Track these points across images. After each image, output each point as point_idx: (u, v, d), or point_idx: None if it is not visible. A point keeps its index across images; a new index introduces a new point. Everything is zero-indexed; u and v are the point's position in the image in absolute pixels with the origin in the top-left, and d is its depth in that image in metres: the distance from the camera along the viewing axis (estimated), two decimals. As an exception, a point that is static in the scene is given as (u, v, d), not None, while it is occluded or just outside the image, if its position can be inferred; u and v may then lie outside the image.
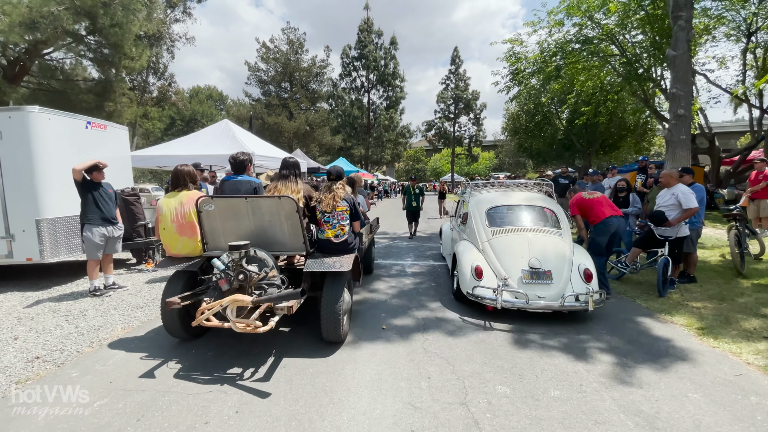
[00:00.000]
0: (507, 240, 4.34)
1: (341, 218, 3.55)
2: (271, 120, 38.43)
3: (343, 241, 3.55)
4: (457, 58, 47.13)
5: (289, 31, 41.52)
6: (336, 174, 3.77)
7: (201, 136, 9.05)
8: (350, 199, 3.64)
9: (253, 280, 2.97)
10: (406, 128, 37.60)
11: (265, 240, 3.34)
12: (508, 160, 60.88)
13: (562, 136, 23.47)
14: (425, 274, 6.01)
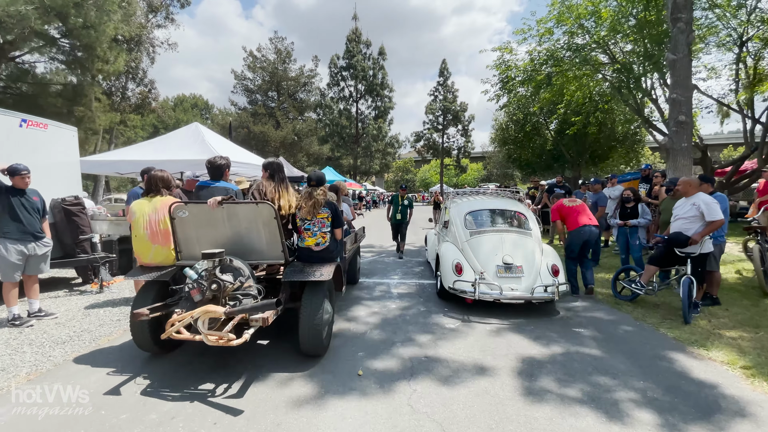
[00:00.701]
0: (483, 240, 4.83)
1: (322, 225, 3.44)
2: (257, 129, 37.64)
3: (324, 249, 3.44)
4: (445, 70, 47.30)
5: (277, 40, 41.11)
6: (317, 180, 3.57)
7: (168, 139, 8.23)
8: (332, 206, 3.53)
9: (227, 290, 2.85)
10: (394, 138, 37.18)
11: (241, 248, 3.22)
12: (496, 172, 61.01)
13: (551, 147, 23.25)
14: (413, 296, 5.30)
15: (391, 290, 5.60)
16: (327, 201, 3.53)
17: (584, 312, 4.54)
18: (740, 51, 13.46)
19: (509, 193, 6.46)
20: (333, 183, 5.88)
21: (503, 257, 4.52)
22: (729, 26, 13.23)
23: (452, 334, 3.81)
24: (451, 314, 4.42)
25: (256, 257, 3.27)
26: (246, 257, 3.19)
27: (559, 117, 18.51)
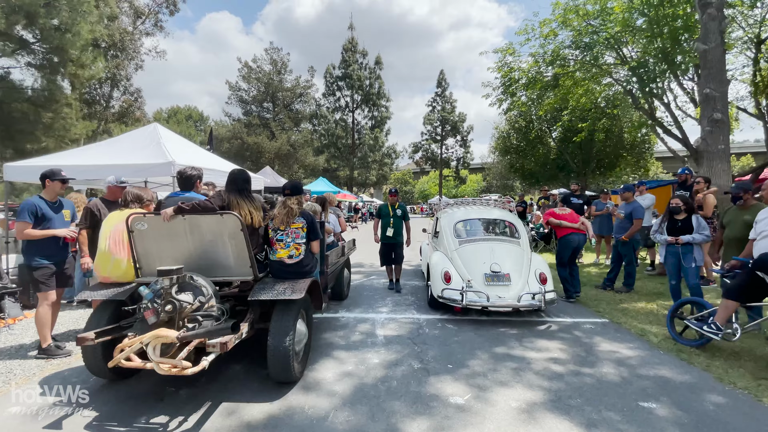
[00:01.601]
0: (472, 248, 4.88)
1: (296, 236, 3.24)
2: (251, 140, 36.72)
3: (298, 263, 3.22)
4: (443, 81, 46.82)
5: (272, 51, 40.54)
6: (291, 188, 3.35)
7: (119, 142, 7.06)
8: (307, 216, 3.33)
9: (184, 311, 2.60)
10: (392, 149, 36.21)
11: (206, 264, 3.00)
12: (496, 183, 60.09)
13: (556, 156, 22.18)
14: (405, 342, 3.95)
15: (376, 331, 4.27)
16: (303, 211, 3.33)
17: (643, 367, 3.27)
18: (757, 52, 12.49)
19: (500, 203, 6.51)
20: (321, 195, 5.50)
21: (491, 265, 4.53)
22: (745, 25, 12.31)
23: (460, 417, 2.52)
24: (458, 374, 3.15)
25: (223, 273, 3.03)
26: (211, 273, 2.97)
27: (564, 124, 17.49)
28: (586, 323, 4.57)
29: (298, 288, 2.93)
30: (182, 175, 3.49)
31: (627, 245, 5.87)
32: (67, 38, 14.17)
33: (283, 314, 2.86)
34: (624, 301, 5.51)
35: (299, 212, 3.27)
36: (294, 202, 3.27)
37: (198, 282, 2.78)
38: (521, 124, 21.61)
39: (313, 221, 3.35)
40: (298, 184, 3.43)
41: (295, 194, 3.32)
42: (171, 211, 2.86)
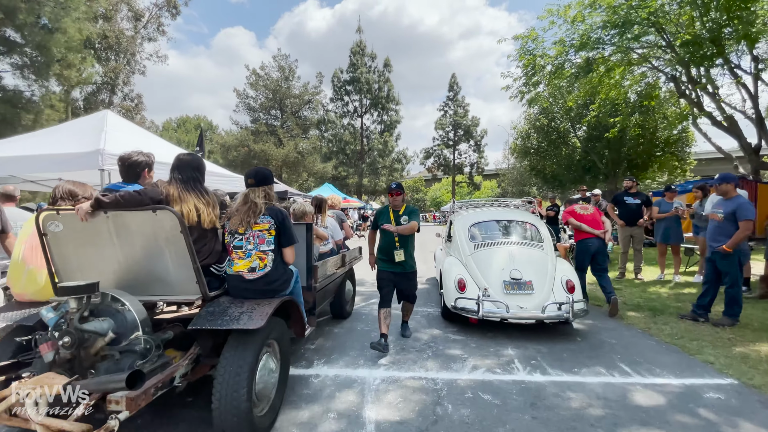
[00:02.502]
0: (488, 253, 4.44)
1: (260, 242, 2.46)
2: (258, 147, 35.84)
3: (263, 278, 2.45)
4: (455, 84, 45.38)
5: (280, 58, 39.90)
6: (255, 176, 2.58)
7: (58, 131, 5.71)
8: (278, 214, 2.53)
9: (94, 346, 1.97)
10: (402, 154, 34.73)
11: (140, 277, 2.35)
12: (511, 189, 57.90)
13: (581, 157, 20.27)
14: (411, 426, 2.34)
15: (364, 410, 2.57)
16: (271, 207, 2.54)
17: None
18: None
19: (520, 205, 6.00)
20: (318, 195, 4.83)
21: (510, 272, 4.09)
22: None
23: None
24: None
25: (163, 291, 2.36)
26: (148, 291, 2.35)
27: (591, 121, 15.67)
28: (703, 387, 2.86)
29: (258, 314, 2.23)
30: (125, 162, 2.72)
31: (730, 258, 4.13)
32: (51, 36, 13.11)
33: (237, 349, 2.18)
34: (737, 341, 3.77)
35: (265, 209, 2.51)
36: (259, 195, 2.53)
37: (121, 304, 2.16)
38: (543, 122, 19.84)
39: (285, 221, 2.56)
40: (265, 172, 2.66)
41: (260, 184, 2.58)
42: (87, 206, 2.21)
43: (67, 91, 18.57)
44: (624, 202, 6.62)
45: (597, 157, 19.38)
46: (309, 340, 3.94)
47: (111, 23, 18.82)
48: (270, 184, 2.63)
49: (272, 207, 2.57)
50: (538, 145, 21.20)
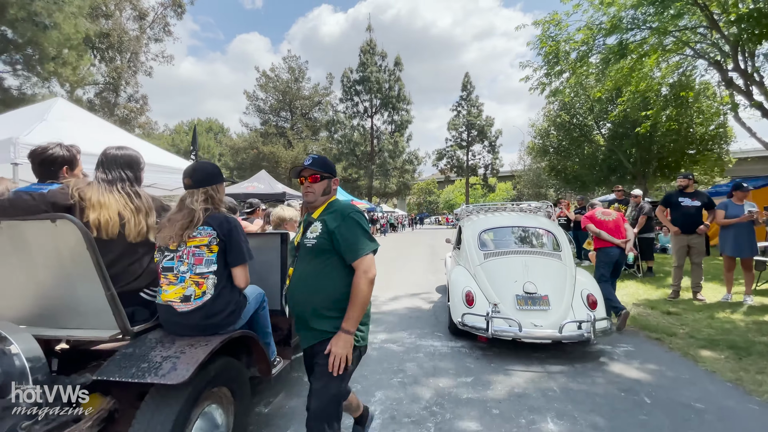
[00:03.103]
0: (500, 263, 4.03)
1: (197, 261, 1.84)
2: (267, 149, 35.33)
3: (199, 309, 1.82)
4: (468, 83, 44.05)
5: (290, 59, 39.40)
6: (192, 176, 1.92)
7: None
8: (223, 223, 1.88)
9: None
10: (413, 155, 33.59)
11: (45, 306, 1.93)
12: (527, 191, 56.03)
13: (606, 156, 18.78)
14: None
15: None
16: (215, 215, 1.88)
17: None
18: None
19: (541, 210, 5.41)
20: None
21: (524, 284, 3.61)
22: None
23: None
24: None
25: (74, 323, 1.91)
26: (54, 323, 1.92)
27: (619, 115, 14.30)
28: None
29: (185, 361, 1.63)
30: (37, 157, 2.10)
31: None
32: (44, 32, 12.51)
33: (156, 408, 1.62)
34: None
35: (204, 216, 1.85)
36: (198, 198, 1.87)
37: (8, 343, 1.62)
38: (564, 118, 18.44)
39: (233, 232, 1.89)
40: (207, 168, 1.98)
41: (200, 185, 1.90)
42: None
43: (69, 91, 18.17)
44: (678, 204, 5.38)
45: (624, 156, 17.87)
46: (270, 393, 2.89)
47: (113, 21, 18.36)
48: (215, 183, 1.98)
49: (215, 215, 1.92)
50: (558, 143, 19.79)
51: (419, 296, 6.05)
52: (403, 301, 5.75)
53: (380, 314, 5.01)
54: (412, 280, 7.57)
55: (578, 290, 3.72)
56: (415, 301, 5.70)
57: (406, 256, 12.22)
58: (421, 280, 7.47)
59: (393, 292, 6.39)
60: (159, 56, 23.25)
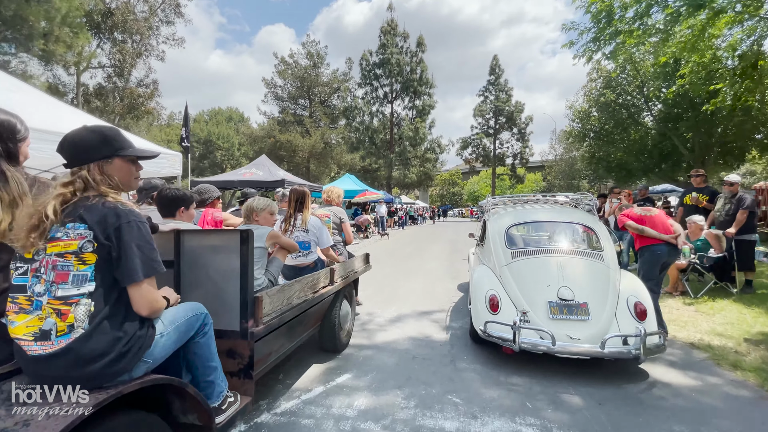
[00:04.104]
0: (530, 264, 3.48)
1: (58, 277, 1.31)
2: (284, 137, 34.29)
3: (61, 354, 1.28)
4: (496, 67, 41.29)
5: (309, 44, 37.99)
6: (63, 149, 1.44)
7: None
8: (106, 216, 1.35)
9: None
10: (435, 142, 31.57)
11: None
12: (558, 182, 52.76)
13: (657, 140, 16.31)
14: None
15: None
16: (91, 206, 1.36)
17: None
18: None
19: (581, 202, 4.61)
20: (297, 187, 3.42)
21: (559, 290, 3.12)
22: None
23: None
24: None
25: None
26: None
27: (679, 90, 11.95)
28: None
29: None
30: None
31: None
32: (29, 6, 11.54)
33: None
34: None
35: (77, 210, 1.35)
36: (63, 185, 1.40)
37: None
38: (609, 97, 16.07)
39: (125, 230, 1.35)
40: (86, 137, 1.43)
41: (74, 162, 1.43)
42: None
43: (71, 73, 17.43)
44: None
45: (679, 141, 15.39)
46: None
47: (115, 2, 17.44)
48: (99, 159, 1.41)
49: (95, 206, 1.34)
50: (600, 127, 17.45)
51: (431, 317, 4.48)
52: (407, 324, 4.20)
53: (370, 350, 3.48)
54: (424, 289, 6.01)
55: (623, 297, 3.20)
56: (424, 326, 4.14)
57: (421, 254, 10.61)
58: (436, 290, 5.90)
59: (397, 308, 4.85)
60: (170, 39, 22.37)
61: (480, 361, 3.22)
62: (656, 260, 3.86)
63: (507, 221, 4.02)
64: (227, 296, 1.98)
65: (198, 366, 1.73)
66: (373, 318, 4.39)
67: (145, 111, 20.20)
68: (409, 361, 3.20)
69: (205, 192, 3.41)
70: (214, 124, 46.55)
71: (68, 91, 18.03)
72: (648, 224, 3.95)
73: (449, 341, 3.67)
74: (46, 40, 12.64)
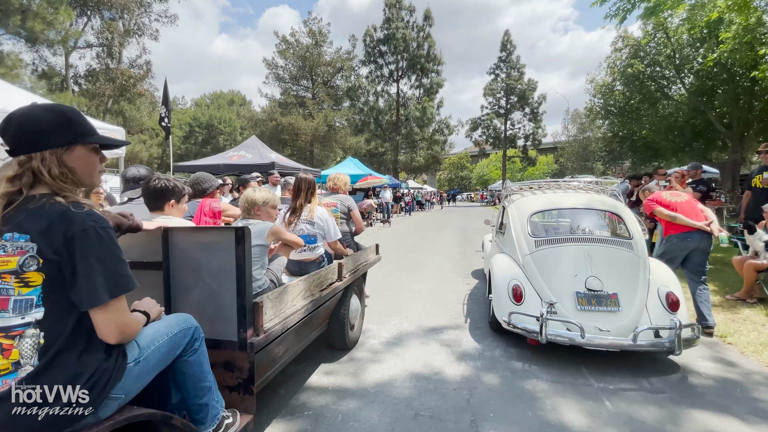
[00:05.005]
0: (556, 253, 3.32)
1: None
2: (286, 120, 33.08)
3: (6, 398, 1.03)
4: (508, 43, 39.09)
5: (311, 22, 36.28)
6: (6, 134, 1.14)
7: None
8: (53, 225, 1.07)
9: None
10: (444, 123, 30.06)
11: None
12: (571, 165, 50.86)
13: (689, 117, 14.80)
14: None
15: None
16: (35, 209, 1.10)
17: None
18: None
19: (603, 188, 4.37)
20: (302, 175, 3.14)
21: (586, 280, 3.00)
22: None
23: None
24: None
25: None
26: None
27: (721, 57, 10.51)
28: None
29: None
30: None
31: None
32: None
33: None
34: None
35: (17, 215, 1.10)
36: (4, 176, 1.12)
37: None
38: (637, 68, 14.49)
39: (81, 240, 1.08)
40: (36, 116, 1.13)
41: (18, 150, 1.15)
42: None
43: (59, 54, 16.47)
44: None
45: (715, 116, 13.89)
46: None
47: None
48: (57, 146, 1.15)
49: (37, 209, 1.09)
50: (625, 102, 15.92)
51: (441, 337, 3.48)
52: (409, 351, 3.21)
53: (354, 400, 2.49)
54: (432, 293, 5.00)
55: (654, 287, 3.04)
56: (431, 354, 3.14)
57: (428, 244, 9.57)
58: (446, 295, 4.89)
59: (397, 323, 3.86)
60: (162, 16, 21.11)
61: (514, 418, 2.21)
62: (684, 249, 3.66)
63: (530, 208, 3.81)
64: (223, 301, 1.79)
65: (188, 387, 1.49)
66: (366, 339, 3.40)
67: (138, 93, 19.15)
68: (409, 421, 2.20)
69: (205, 181, 3.06)
70: (216, 108, 45.38)
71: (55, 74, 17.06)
72: (679, 211, 3.71)
73: (467, 382, 2.66)
74: (23, 17, 11.58)
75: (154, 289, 1.78)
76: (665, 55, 14.57)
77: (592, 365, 2.86)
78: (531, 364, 2.89)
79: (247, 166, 9.14)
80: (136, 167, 2.75)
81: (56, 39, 14.33)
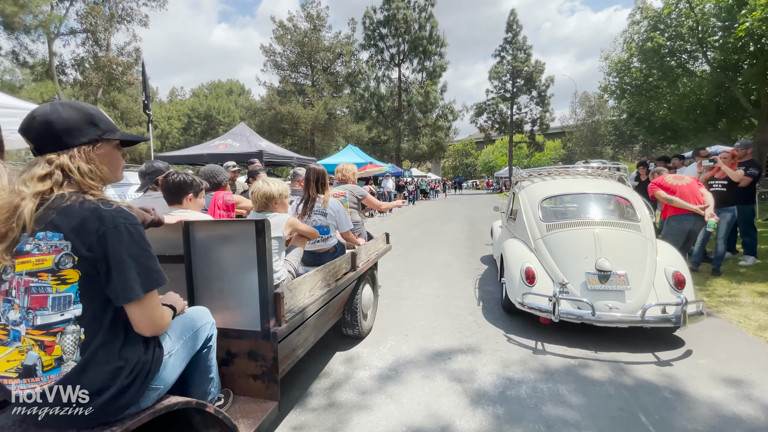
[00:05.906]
0: (567, 236, 3.48)
1: (34, 302, 1.10)
2: (285, 109, 32.13)
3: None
4: (514, 23, 37.51)
5: (309, 5, 34.98)
6: (29, 131, 1.16)
7: None
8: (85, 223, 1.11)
9: None
10: (448, 108, 28.94)
11: None
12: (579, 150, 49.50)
13: (712, 93, 13.71)
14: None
15: None
16: (66, 207, 1.12)
17: None
18: None
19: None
20: (314, 166, 3.18)
21: (597, 261, 3.10)
22: None
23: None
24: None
25: None
26: None
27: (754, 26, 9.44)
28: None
29: None
30: None
31: None
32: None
33: None
34: None
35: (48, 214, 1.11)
36: (35, 175, 1.13)
37: None
38: (657, 41, 13.34)
39: (113, 236, 1.12)
40: (63, 115, 1.16)
41: (46, 148, 1.18)
42: None
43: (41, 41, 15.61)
44: None
45: (741, 93, 12.81)
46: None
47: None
48: (86, 143, 1.18)
49: (68, 207, 1.11)
50: (643, 80, 14.81)
51: (449, 367, 2.75)
52: (408, 390, 2.49)
53: None
54: (437, 301, 4.26)
55: (661, 267, 3.19)
56: (437, 396, 2.42)
57: (433, 238, 8.80)
58: (454, 303, 4.14)
59: (394, 344, 3.13)
60: (150, 1, 20.14)
61: None
62: (681, 230, 4.05)
63: (540, 194, 3.96)
64: (245, 293, 1.82)
65: (196, 378, 1.57)
66: (353, 371, 2.67)
67: (127, 82, 18.34)
68: None
69: (219, 174, 3.15)
70: (214, 98, 44.43)
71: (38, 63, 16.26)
72: (678, 194, 4.05)
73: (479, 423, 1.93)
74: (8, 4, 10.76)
75: (177, 283, 1.75)
76: (687, 27, 13.43)
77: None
78: (568, 408, 2.14)
79: (236, 155, 8.38)
80: (155, 162, 2.80)
81: (33, 24, 13.47)
